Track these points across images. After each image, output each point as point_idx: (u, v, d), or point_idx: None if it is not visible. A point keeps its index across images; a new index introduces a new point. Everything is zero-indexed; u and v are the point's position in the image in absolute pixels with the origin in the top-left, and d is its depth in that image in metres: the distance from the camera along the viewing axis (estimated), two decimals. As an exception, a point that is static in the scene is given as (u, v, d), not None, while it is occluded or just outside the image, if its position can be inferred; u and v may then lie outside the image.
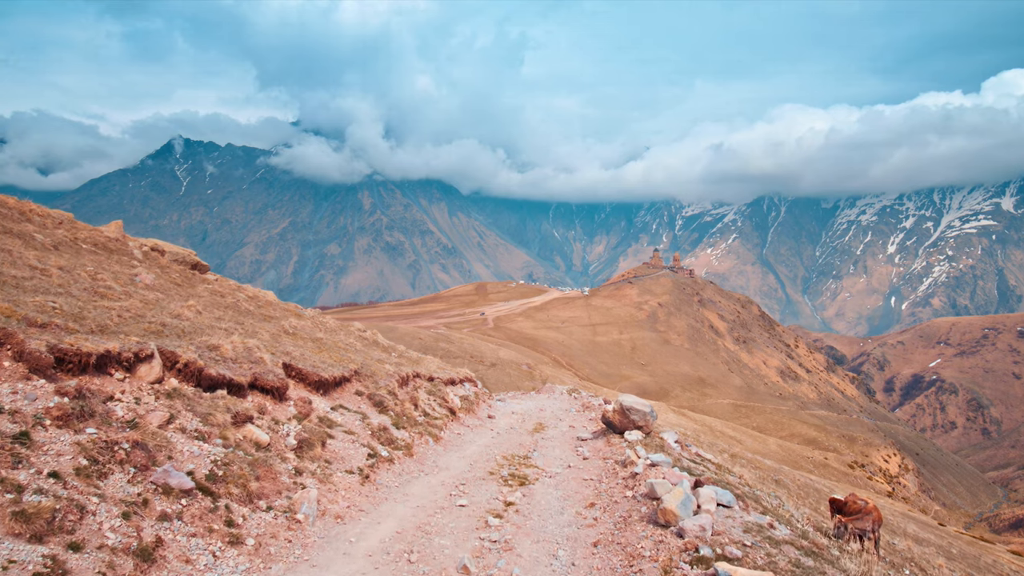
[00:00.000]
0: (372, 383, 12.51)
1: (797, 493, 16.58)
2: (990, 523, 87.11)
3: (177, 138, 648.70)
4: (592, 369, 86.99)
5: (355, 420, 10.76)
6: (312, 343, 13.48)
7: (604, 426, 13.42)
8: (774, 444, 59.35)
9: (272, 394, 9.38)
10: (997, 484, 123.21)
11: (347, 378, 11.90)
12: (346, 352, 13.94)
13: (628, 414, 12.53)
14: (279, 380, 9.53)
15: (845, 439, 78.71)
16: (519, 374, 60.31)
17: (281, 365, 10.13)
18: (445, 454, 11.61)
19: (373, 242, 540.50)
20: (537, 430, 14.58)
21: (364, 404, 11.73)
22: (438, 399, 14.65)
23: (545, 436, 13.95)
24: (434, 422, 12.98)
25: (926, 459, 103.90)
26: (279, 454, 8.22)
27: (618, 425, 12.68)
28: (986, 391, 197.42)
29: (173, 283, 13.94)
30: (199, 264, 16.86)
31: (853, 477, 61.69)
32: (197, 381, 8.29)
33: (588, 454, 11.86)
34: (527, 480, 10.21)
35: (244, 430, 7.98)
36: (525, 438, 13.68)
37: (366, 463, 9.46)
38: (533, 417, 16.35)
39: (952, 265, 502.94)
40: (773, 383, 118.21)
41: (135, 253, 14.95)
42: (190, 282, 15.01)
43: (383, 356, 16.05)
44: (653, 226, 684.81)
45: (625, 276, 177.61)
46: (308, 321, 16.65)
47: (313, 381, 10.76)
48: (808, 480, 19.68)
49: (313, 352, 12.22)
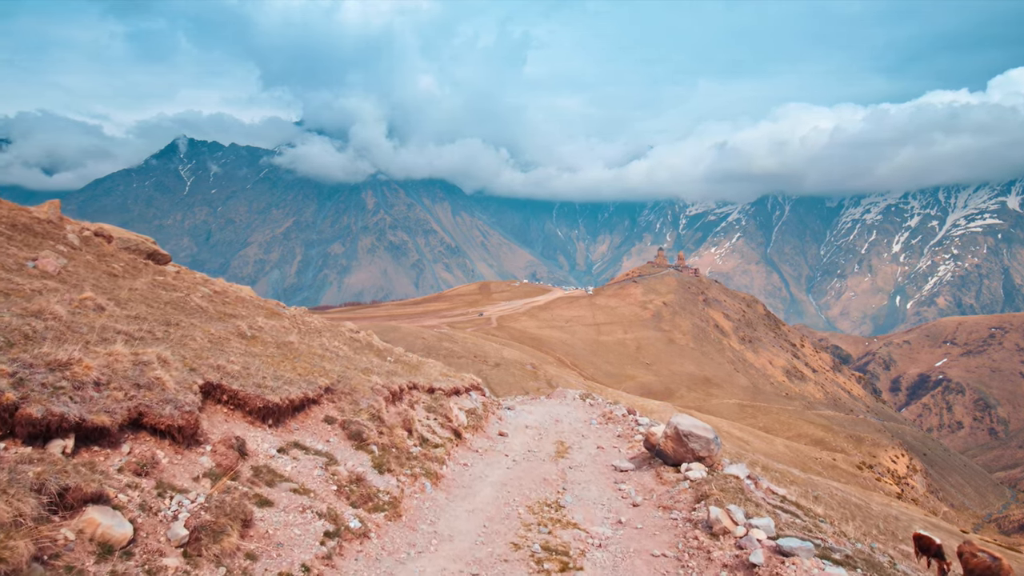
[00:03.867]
0: (350, 403, 9.60)
1: (843, 515, 15.29)
2: (999, 524, 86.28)
3: (181, 138, 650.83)
4: (597, 369, 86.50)
5: (314, 468, 7.51)
6: (277, 350, 10.67)
7: (646, 451, 11.04)
8: (781, 445, 58.78)
9: (172, 437, 6.14)
10: (1005, 484, 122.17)
11: (313, 399, 8.87)
12: (322, 360, 11.11)
13: (686, 441, 9.92)
14: (184, 415, 6.23)
15: (852, 439, 78.03)
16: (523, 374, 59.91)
17: (198, 388, 6.90)
18: (448, 507, 8.57)
19: (377, 242, 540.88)
20: (560, 454, 12.15)
21: (335, 436, 8.65)
22: (440, 417, 12.09)
23: (572, 463, 11.40)
24: (433, 453, 10.17)
25: (934, 460, 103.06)
26: (146, 562, 4.61)
27: (671, 455, 10.07)
28: (993, 391, 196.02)
29: (107, 273, 11.50)
30: (156, 254, 14.86)
31: (862, 478, 61.07)
32: (6, 427, 4.88)
33: (637, 497, 9.37)
34: (569, 559, 7.16)
35: (80, 521, 4.44)
36: (548, 468, 11.03)
37: (319, 552, 6.01)
38: (550, 432, 14.15)
39: (957, 264, 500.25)
40: (779, 383, 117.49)
41: (69, 238, 12.56)
42: (133, 273, 12.44)
43: (376, 362, 13.69)
44: (657, 225, 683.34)
45: (629, 275, 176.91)
46: (286, 321, 14.29)
47: (255, 408, 7.69)
48: (844, 494, 18.80)
49: (270, 363, 9.30)
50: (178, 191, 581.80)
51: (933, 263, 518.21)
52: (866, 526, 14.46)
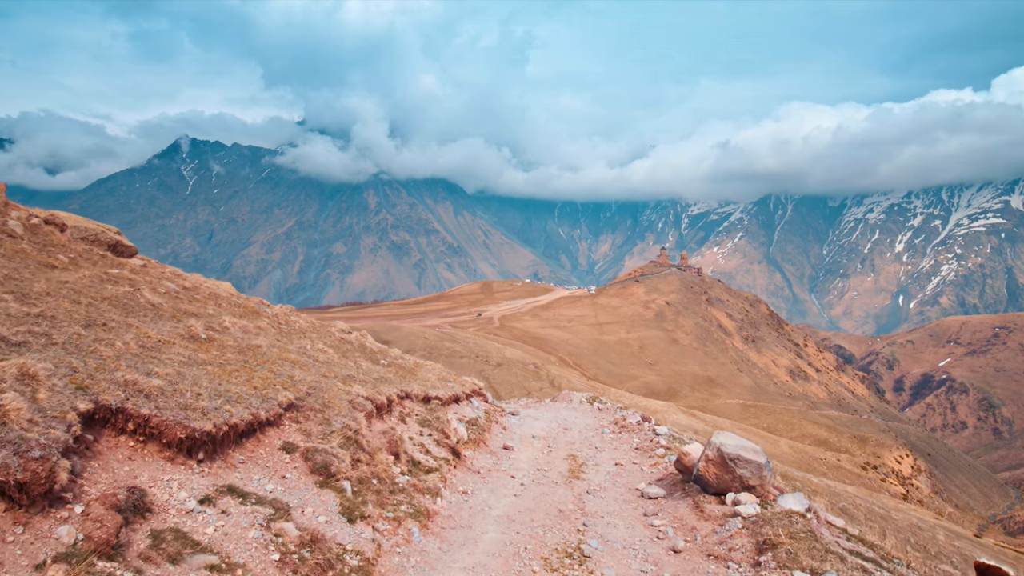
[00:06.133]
0: (320, 423, 7.83)
1: (875, 529, 14.48)
2: (1004, 525, 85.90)
3: (183, 138, 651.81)
4: (599, 369, 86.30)
5: (250, 526, 5.43)
6: (237, 356, 8.81)
7: (676, 472, 9.65)
8: (786, 446, 58.53)
9: (11, 498, 4.11)
10: (1010, 485, 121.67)
11: (269, 420, 7.09)
12: (292, 368, 9.33)
13: (732, 467, 8.22)
14: (32, 463, 4.18)
15: (857, 440, 77.66)
16: (526, 374, 59.75)
17: (77, 417, 4.91)
18: (440, 561, 6.81)
19: (379, 241, 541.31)
20: (574, 473, 10.67)
21: (295, 471, 6.72)
22: (435, 433, 10.54)
23: (590, 485, 9.97)
24: (425, 482, 8.52)
25: (938, 460, 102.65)
26: None
27: (712, 482, 8.43)
28: (997, 391, 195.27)
29: (41, 264, 10.00)
30: (119, 245, 13.33)
31: (867, 479, 60.78)
32: None
33: (677, 538, 7.77)
34: None
35: None
36: (563, 494, 9.51)
37: None
38: (560, 444, 12.94)
39: (961, 264, 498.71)
40: (783, 383, 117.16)
41: (10, 224, 11.27)
42: (77, 265, 10.73)
43: (365, 367, 12.31)
44: (659, 225, 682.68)
45: (632, 274, 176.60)
46: (264, 321, 12.69)
47: (174, 439, 5.67)
48: (867, 504, 18.30)
49: (218, 375, 7.45)
50: (180, 191, 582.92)
51: (936, 262, 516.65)
52: (898, 540, 14.09)
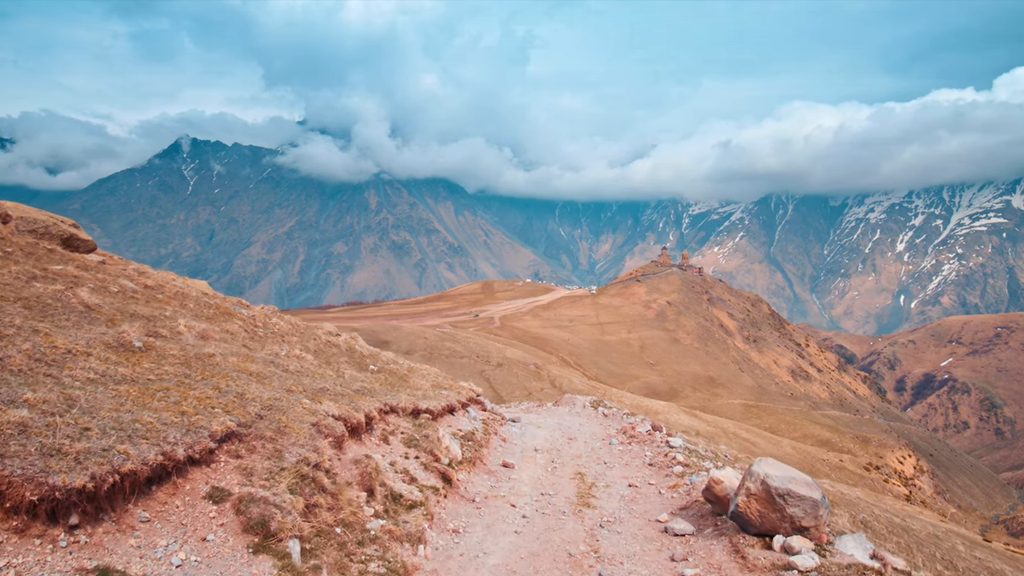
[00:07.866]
0: (268, 456, 5.94)
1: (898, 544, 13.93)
2: (1007, 526, 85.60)
3: (184, 138, 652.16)
4: (600, 369, 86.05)
5: None
6: (177, 368, 7.09)
7: (703, 500, 8.25)
8: (788, 446, 58.26)
9: None
10: (1012, 485, 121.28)
11: (192, 458, 5.29)
12: (249, 383, 7.49)
13: (782, 504, 6.60)
14: None
15: (859, 440, 77.36)
16: (526, 374, 59.53)
17: None
18: None
19: (379, 241, 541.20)
20: (583, 498, 9.23)
21: (221, 529, 4.94)
22: (423, 455, 8.96)
23: (603, 516, 8.48)
24: (405, 526, 6.68)
25: (940, 460, 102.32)
26: None
27: (755, 521, 6.82)
28: (999, 390, 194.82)
29: None
30: (74, 239, 11.93)
31: (869, 480, 60.51)
32: None
33: None
34: None
35: None
36: (572, 529, 8.00)
37: None
38: (565, 458, 11.73)
39: (962, 263, 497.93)
40: (784, 383, 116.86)
41: None
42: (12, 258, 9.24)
43: (348, 375, 10.87)
44: (660, 224, 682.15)
45: (633, 274, 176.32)
46: (236, 323, 11.10)
47: (23, 503, 4.02)
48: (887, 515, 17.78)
49: (132, 397, 5.64)
50: (181, 191, 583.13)
51: (937, 262, 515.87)
52: (925, 557, 13.68)
